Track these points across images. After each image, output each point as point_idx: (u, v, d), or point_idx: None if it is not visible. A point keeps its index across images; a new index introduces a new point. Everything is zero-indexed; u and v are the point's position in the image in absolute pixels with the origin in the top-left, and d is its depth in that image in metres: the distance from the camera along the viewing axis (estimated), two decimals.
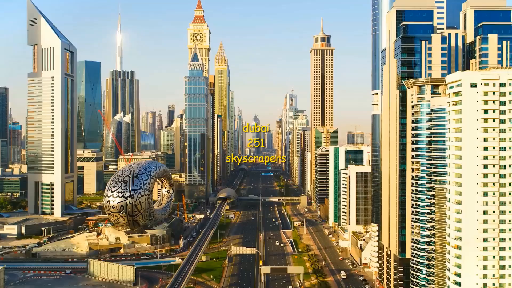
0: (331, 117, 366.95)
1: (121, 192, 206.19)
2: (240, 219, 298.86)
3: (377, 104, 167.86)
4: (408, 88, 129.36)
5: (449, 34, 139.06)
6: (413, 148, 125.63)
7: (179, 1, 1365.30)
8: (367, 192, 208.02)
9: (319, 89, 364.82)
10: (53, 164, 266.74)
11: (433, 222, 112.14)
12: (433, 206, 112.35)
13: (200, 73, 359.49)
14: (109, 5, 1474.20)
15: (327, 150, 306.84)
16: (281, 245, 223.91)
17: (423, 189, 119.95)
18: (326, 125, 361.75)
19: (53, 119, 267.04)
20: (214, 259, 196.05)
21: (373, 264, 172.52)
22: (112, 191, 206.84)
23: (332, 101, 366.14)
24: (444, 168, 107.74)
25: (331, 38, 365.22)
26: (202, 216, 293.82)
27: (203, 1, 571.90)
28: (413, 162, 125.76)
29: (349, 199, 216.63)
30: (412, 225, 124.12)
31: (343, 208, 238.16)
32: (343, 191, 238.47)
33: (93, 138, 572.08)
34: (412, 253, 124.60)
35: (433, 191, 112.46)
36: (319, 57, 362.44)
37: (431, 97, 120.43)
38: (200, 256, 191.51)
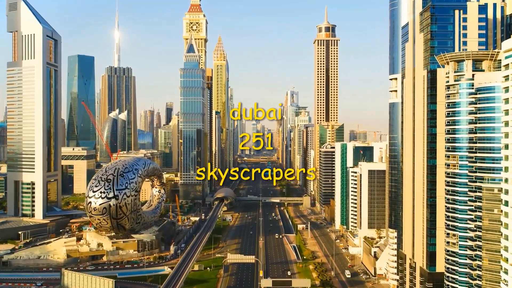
0: (336, 112, 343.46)
1: (104, 193, 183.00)
2: (239, 222, 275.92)
3: (396, 91, 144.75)
4: (442, 65, 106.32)
5: (486, 4, 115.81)
6: (448, 139, 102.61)
7: (179, 0, 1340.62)
8: (380, 193, 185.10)
9: (323, 82, 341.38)
10: (34, 161, 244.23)
11: (479, 231, 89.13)
12: (479, 211, 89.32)
13: (196, 65, 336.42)
14: (109, 4, 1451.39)
15: (333, 147, 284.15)
16: (284, 251, 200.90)
17: (463, 189, 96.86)
18: (331, 120, 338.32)
19: (34, 112, 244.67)
20: (208, 268, 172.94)
21: (390, 276, 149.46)
22: (94, 191, 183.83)
23: (337, 95, 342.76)
24: (495, 162, 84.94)
25: (336, 28, 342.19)
26: (197, 218, 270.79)
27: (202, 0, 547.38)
28: (448, 156, 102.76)
29: (360, 200, 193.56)
30: (447, 234, 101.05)
31: (351, 210, 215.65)
32: (352, 191, 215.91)
33: (86, 136, 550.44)
34: (447, 268, 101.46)
35: (479, 192, 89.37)
36: (323, 48, 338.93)
37: (472, 74, 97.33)
38: (192, 265, 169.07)
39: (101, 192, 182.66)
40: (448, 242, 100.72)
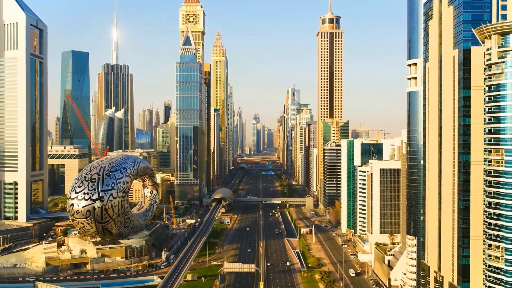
0: (341, 108, 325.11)
1: (88, 194, 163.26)
2: (237, 224, 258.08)
3: (415, 78, 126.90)
4: (482, 41, 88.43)
5: None
6: (489, 130, 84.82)
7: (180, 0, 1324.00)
8: (394, 194, 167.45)
9: (327, 76, 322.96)
10: (17, 160, 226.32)
11: None
12: None
13: (193, 59, 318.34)
14: (108, 3, 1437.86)
15: (338, 145, 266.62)
16: (286, 258, 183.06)
17: (511, 191, 78.97)
18: (335, 117, 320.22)
19: (17, 107, 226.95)
20: (203, 278, 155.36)
21: None
22: (76, 192, 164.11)
23: (342, 90, 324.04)
24: None
25: (340, 19, 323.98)
26: (193, 221, 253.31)
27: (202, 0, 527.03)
28: (489, 151, 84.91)
29: (371, 203, 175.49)
30: (489, 245, 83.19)
31: (360, 213, 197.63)
32: (360, 191, 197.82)
33: (81, 135, 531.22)
34: (488, 286, 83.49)
35: None
36: (327, 41, 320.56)
37: None
38: (185, 274, 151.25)
39: (84, 193, 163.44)
40: (489, 256, 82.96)
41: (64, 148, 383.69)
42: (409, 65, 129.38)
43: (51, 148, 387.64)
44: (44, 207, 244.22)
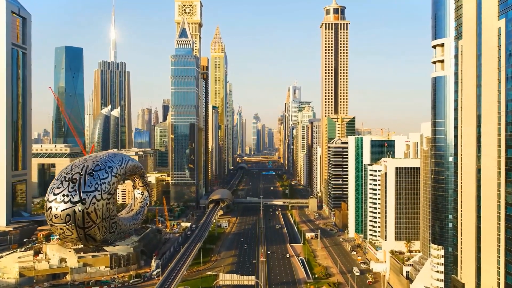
0: (346, 104, 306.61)
1: (68, 196, 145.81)
2: (236, 228, 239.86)
3: (443, 61, 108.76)
4: None
5: None
6: None
7: None
8: (411, 196, 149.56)
9: (331, 70, 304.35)
10: None
11: None
12: None
13: (189, 52, 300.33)
14: (108, 2, 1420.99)
15: (344, 142, 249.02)
16: (290, 267, 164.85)
17: None
18: (341, 113, 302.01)
19: None
20: None
21: None
22: (55, 194, 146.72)
23: (347, 84, 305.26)
24: None
25: (345, 10, 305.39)
26: (189, 224, 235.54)
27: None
28: None
29: (385, 205, 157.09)
30: None
31: (370, 216, 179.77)
32: (370, 193, 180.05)
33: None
34: None
35: None
36: (332, 32, 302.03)
37: None
38: (176, 287, 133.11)
39: (63, 195, 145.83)
40: None
41: (55, 146, 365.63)
42: (434, 47, 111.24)
43: (41, 146, 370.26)
44: (27, 210, 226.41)
